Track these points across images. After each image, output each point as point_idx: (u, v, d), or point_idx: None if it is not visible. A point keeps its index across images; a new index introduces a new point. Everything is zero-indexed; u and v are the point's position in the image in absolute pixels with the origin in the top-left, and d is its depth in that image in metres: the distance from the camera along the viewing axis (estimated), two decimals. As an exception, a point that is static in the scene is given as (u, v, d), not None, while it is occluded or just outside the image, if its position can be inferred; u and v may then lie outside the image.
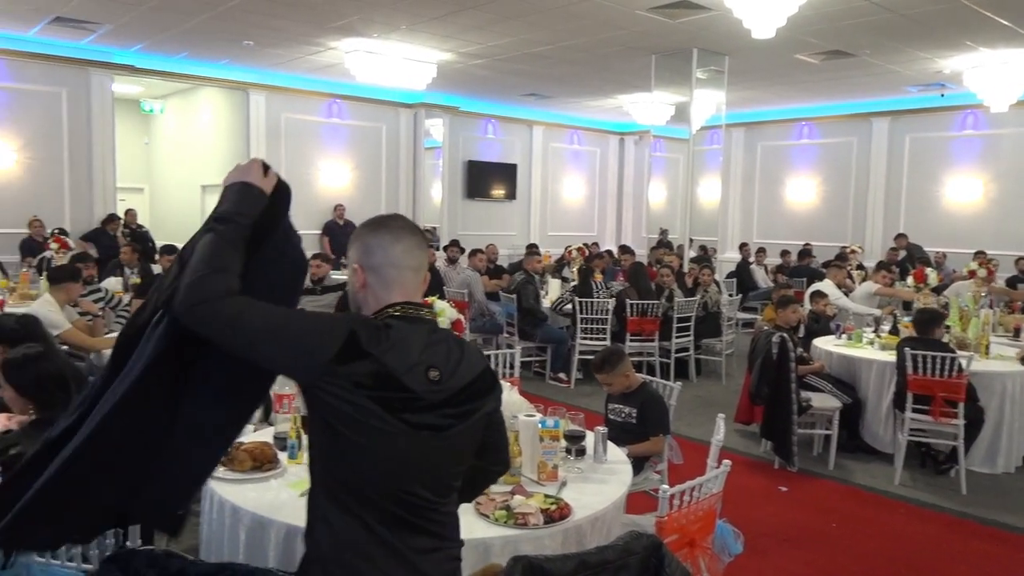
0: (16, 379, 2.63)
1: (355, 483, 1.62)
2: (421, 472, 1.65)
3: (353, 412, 1.55)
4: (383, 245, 1.72)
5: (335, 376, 1.54)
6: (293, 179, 8.46)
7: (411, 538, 1.64)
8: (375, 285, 1.71)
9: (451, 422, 1.66)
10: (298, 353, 1.56)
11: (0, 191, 9.92)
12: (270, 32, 9.11)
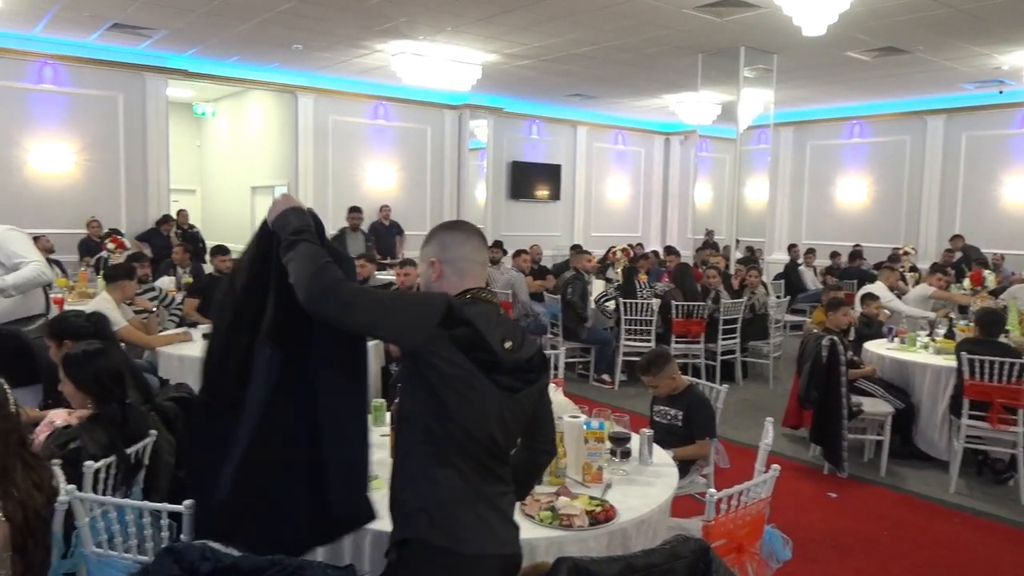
0: (75, 374, 2.72)
1: (457, 438, 1.87)
2: (502, 427, 1.93)
3: (457, 371, 1.84)
4: (458, 242, 2.03)
5: (441, 339, 1.83)
6: (340, 180, 8.67)
7: (493, 485, 1.94)
8: (451, 275, 2.01)
9: (521, 386, 1.95)
10: (411, 320, 1.86)
11: (60, 193, 10.25)
12: (319, 35, 9.26)
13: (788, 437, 6.07)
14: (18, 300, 4.19)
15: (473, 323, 1.87)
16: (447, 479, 1.87)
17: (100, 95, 10.50)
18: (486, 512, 1.91)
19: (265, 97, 13.32)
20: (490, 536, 1.91)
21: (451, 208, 13.96)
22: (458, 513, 1.88)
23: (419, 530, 1.87)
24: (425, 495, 1.88)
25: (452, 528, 1.86)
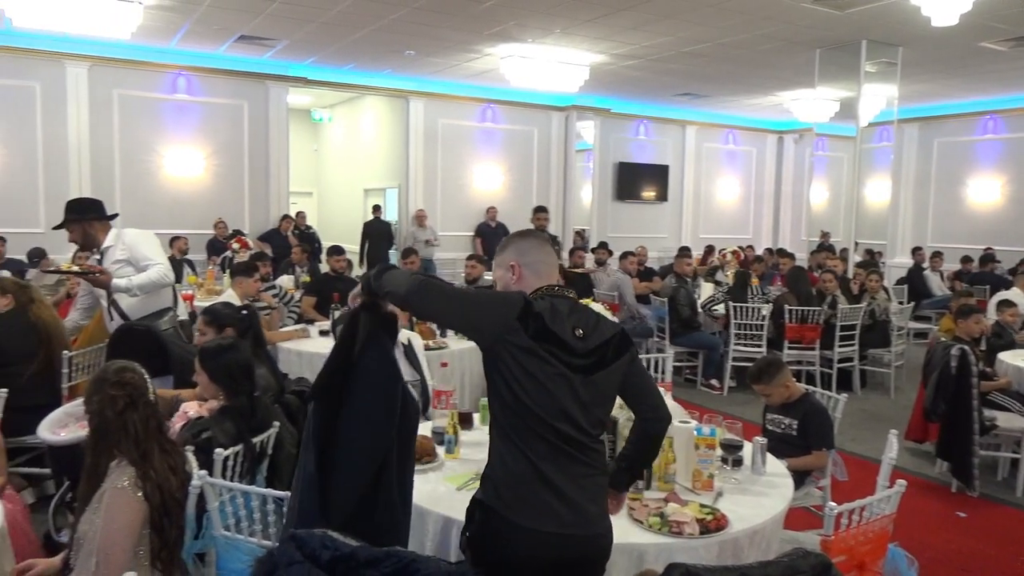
0: (209, 366, 2.89)
1: (525, 422, 2.07)
2: (579, 407, 2.10)
3: (527, 358, 2.05)
4: (533, 248, 2.28)
5: (518, 331, 2.06)
6: (448, 182, 8.80)
7: (567, 466, 2.09)
8: (529, 276, 2.24)
9: (595, 367, 2.13)
10: (495, 313, 2.10)
11: (191, 196, 10.92)
12: (430, 41, 9.47)
13: (911, 451, 5.74)
14: (149, 296, 4.41)
15: (543, 316, 2.09)
16: (513, 459, 2.09)
17: (227, 103, 11.11)
18: (547, 493, 2.06)
19: (378, 102, 13.75)
20: (548, 515, 2.05)
21: (557, 209, 13.98)
22: (519, 490, 2.07)
23: (488, 496, 2.11)
24: (495, 468, 2.13)
25: (510, 501, 2.07)
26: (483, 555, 2.10)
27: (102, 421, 2.35)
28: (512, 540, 2.06)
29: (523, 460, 2.08)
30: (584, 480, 2.12)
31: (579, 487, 2.10)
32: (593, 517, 2.12)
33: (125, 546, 2.22)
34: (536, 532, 2.05)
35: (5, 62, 9.61)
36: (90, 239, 4.51)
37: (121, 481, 2.27)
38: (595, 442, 2.17)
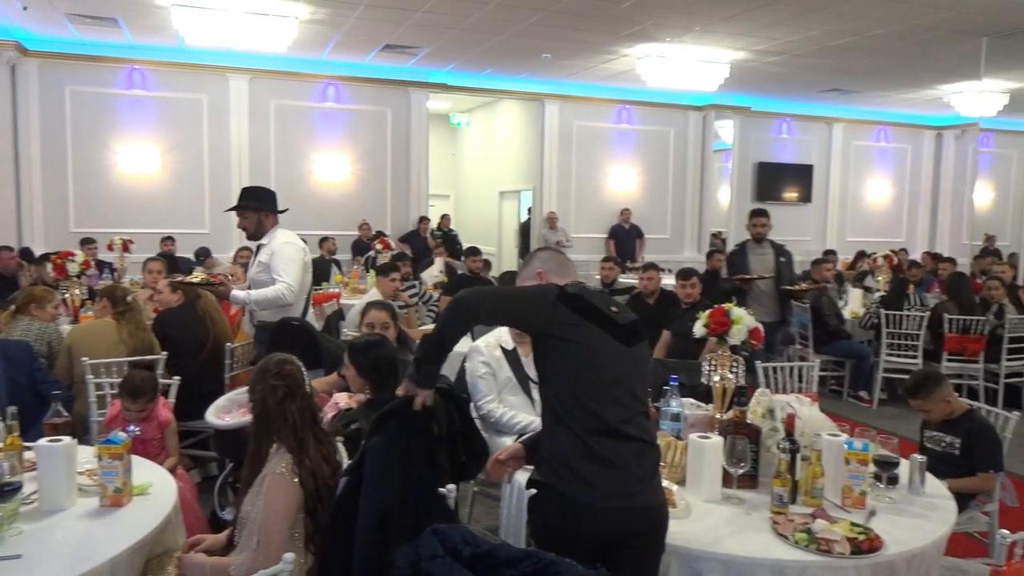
0: (357, 361, 3.04)
1: (580, 397, 2.19)
2: (626, 377, 2.26)
3: (580, 330, 2.22)
4: (554, 256, 2.59)
5: (562, 309, 2.23)
6: (582, 184, 8.74)
7: (615, 443, 2.19)
8: (554, 278, 2.46)
9: (633, 339, 2.31)
10: (536, 299, 2.29)
11: (338, 199, 11.50)
12: (567, 44, 9.51)
13: (1092, 478, 5.20)
14: (285, 312, 4.38)
15: (581, 295, 2.28)
16: (566, 438, 2.19)
17: (372, 110, 11.63)
18: (601, 467, 2.16)
19: (513, 106, 13.94)
20: (600, 490, 2.14)
21: (693, 211, 13.67)
22: (573, 466, 2.17)
23: (544, 475, 2.23)
24: (549, 448, 2.25)
25: (565, 478, 2.17)
26: (548, 536, 2.19)
27: (263, 409, 2.51)
28: (572, 517, 2.15)
29: (576, 438, 2.18)
30: (637, 453, 2.22)
31: (633, 460, 2.20)
32: (648, 489, 2.22)
33: (283, 527, 2.36)
34: (594, 507, 2.14)
35: (178, 77, 10.49)
36: (260, 229, 4.56)
37: (280, 466, 2.42)
38: (643, 415, 2.30)
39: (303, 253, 4.54)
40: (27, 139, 9.93)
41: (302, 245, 4.59)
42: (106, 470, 2.46)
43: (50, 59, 9.90)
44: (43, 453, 2.46)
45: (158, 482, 2.68)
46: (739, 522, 2.50)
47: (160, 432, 3.45)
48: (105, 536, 2.25)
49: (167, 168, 10.55)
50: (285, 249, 4.45)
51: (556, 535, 2.14)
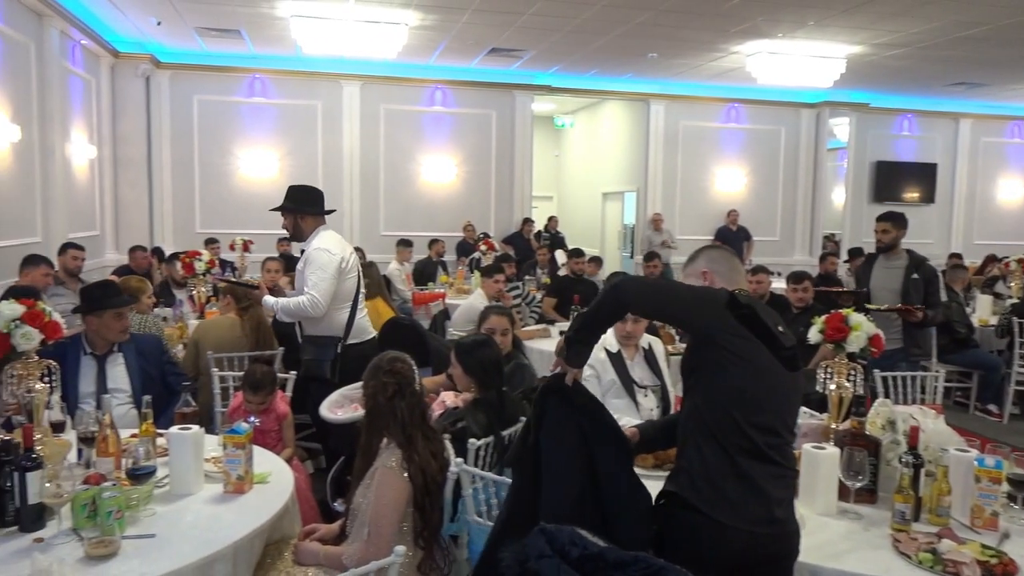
0: (464, 360, 3.09)
1: (734, 413, 2.08)
2: (784, 402, 2.16)
3: (746, 345, 2.09)
4: (724, 256, 2.43)
5: (728, 318, 2.11)
6: (688, 185, 8.51)
7: (762, 466, 2.09)
8: (720, 282, 2.32)
9: (794, 363, 2.18)
10: (706, 302, 2.19)
11: (444, 200, 11.73)
12: (674, 43, 9.36)
13: None
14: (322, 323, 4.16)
15: (752, 307, 2.15)
16: (711, 453, 2.09)
17: (477, 113, 11.80)
18: (744, 489, 2.06)
19: (618, 107, 13.84)
20: (743, 512, 2.05)
21: (804, 212, 13.18)
22: (719, 485, 2.07)
23: (681, 488, 2.12)
24: (692, 461, 2.13)
25: (706, 495, 2.07)
26: (677, 553, 2.07)
27: (375, 405, 2.59)
28: (709, 537, 2.06)
29: (723, 455, 2.08)
30: (779, 479, 2.13)
31: (774, 485, 2.11)
32: (786, 515, 2.13)
33: (392, 520, 2.43)
34: (731, 528, 2.05)
35: (295, 85, 10.98)
36: (298, 231, 4.27)
37: (390, 461, 2.49)
38: (790, 442, 2.21)
39: (337, 260, 4.12)
40: (159, 145, 10.62)
41: (337, 251, 4.17)
42: (230, 458, 2.60)
43: (180, 70, 10.56)
44: (174, 440, 2.62)
45: (276, 471, 2.80)
46: (857, 538, 2.39)
47: (278, 424, 3.62)
48: (229, 520, 2.38)
49: (284, 172, 11.04)
50: (316, 256, 4.11)
51: (687, 553, 2.05)
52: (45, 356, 2.88)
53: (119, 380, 3.59)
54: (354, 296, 4.26)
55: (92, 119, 9.42)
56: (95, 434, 2.66)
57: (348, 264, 4.22)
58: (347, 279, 4.21)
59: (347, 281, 4.21)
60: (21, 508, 2.26)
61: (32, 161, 7.34)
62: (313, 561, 2.49)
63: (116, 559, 2.10)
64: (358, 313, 4.29)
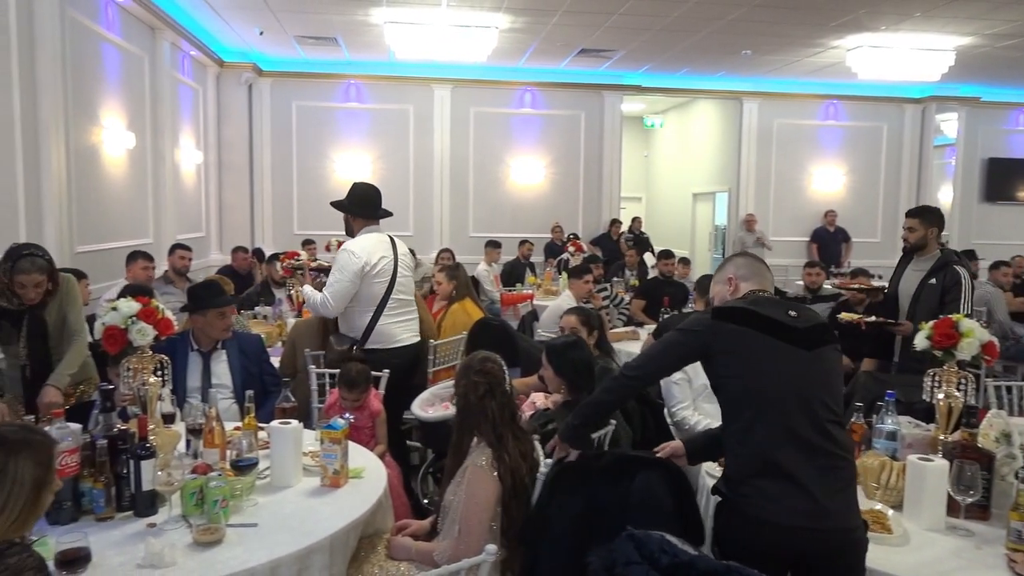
0: (555, 361, 3.09)
1: (758, 407, 2.13)
2: (809, 384, 2.15)
3: (743, 339, 2.18)
4: (749, 262, 2.50)
5: (719, 326, 2.22)
6: (782, 185, 8.22)
7: (804, 454, 2.08)
8: (743, 286, 2.40)
9: (817, 342, 2.21)
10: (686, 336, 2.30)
11: (532, 202, 11.78)
12: (769, 39, 9.11)
13: None
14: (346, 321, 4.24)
15: (743, 306, 2.23)
16: (744, 453, 2.15)
17: (566, 114, 11.79)
18: (782, 483, 2.07)
19: (709, 105, 13.58)
20: (783, 508, 2.05)
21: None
22: (754, 483, 2.10)
23: (728, 489, 2.19)
24: (729, 465, 2.23)
25: (747, 495, 2.11)
26: (731, 549, 2.11)
27: (465, 404, 2.62)
28: (753, 534, 2.09)
29: (755, 454, 2.12)
30: (825, 469, 2.09)
31: (818, 477, 2.07)
32: (838, 509, 2.07)
33: (482, 518, 2.45)
34: (778, 526, 2.05)
35: (388, 90, 11.25)
36: (348, 229, 4.35)
37: (480, 460, 2.51)
38: (835, 427, 2.15)
39: (358, 263, 4.07)
40: (260, 150, 11.08)
41: (363, 254, 4.11)
42: (327, 453, 2.68)
43: (280, 78, 10.98)
44: (275, 434, 2.73)
45: (370, 467, 2.87)
46: (968, 556, 2.26)
47: (371, 421, 3.71)
48: (326, 513, 2.46)
49: (377, 174, 11.32)
50: (340, 256, 4.14)
51: (739, 549, 2.08)
52: (157, 351, 3.05)
53: (222, 376, 3.75)
54: (381, 301, 4.16)
55: (199, 126, 9.91)
56: (202, 426, 2.79)
57: (376, 268, 4.14)
58: (373, 283, 4.14)
59: (373, 285, 4.15)
60: (136, 494, 2.40)
61: (145, 166, 7.78)
62: (405, 556, 2.54)
63: (221, 546, 2.19)
64: (383, 319, 4.17)
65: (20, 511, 1.65)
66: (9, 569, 1.56)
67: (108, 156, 6.80)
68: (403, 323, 4.30)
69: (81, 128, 6.18)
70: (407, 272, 4.35)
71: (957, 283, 4.23)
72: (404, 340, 4.28)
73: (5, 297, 3.37)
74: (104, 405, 2.54)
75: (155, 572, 2.03)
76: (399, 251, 4.28)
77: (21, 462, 1.67)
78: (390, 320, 4.21)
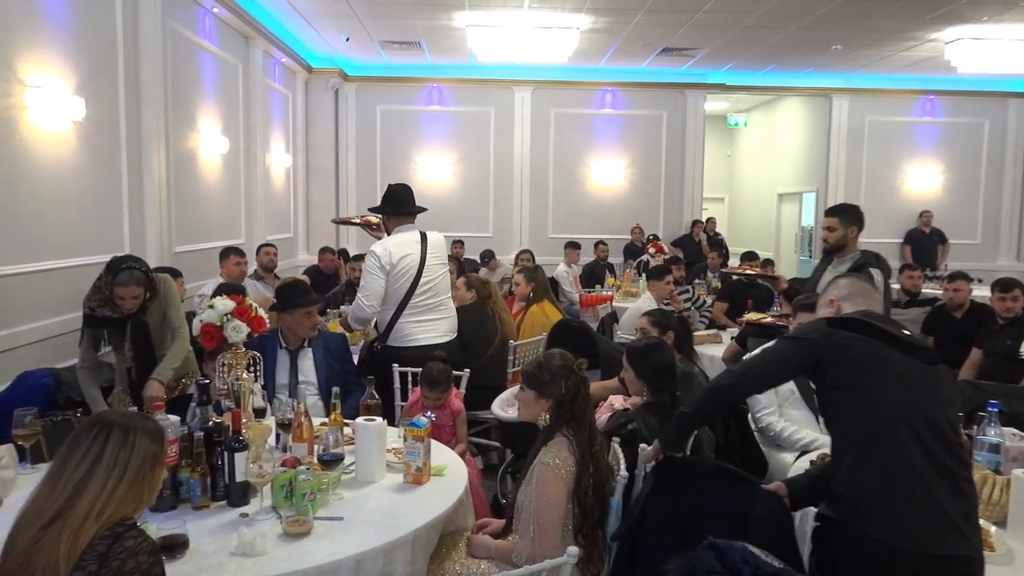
0: (636, 363, 3.06)
1: (879, 423, 2.00)
2: (929, 400, 2.03)
3: (860, 349, 2.08)
4: (852, 283, 2.43)
5: (835, 335, 2.13)
6: (874, 184, 7.92)
7: (925, 478, 1.94)
8: (847, 307, 2.32)
9: (932, 360, 2.12)
10: (798, 344, 2.25)
11: (611, 203, 11.69)
12: (861, 33, 8.78)
13: None
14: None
15: (858, 316, 2.16)
16: (864, 471, 2.01)
17: (647, 114, 11.66)
18: (907, 507, 1.93)
19: (796, 103, 13.19)
20: (910, 533, 1.91)
21: (1012, 213, 11.92)
22: (875, 504, 1.96)
23: (839, 512, 2.04)
24: (843, 483, 2.05)
25: (868, 518, 1.96)
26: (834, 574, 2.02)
27: (559, 404, 2.58)
28: (873, 561, 1.94)
29: (877, 471, 1.99)
30: (954, 494, 1.94)
31: (947, 500, 1.92)
32: (965, 537, 1.92)
33: (554, 517, 2.44)
34: (903, 553, 1.90)
35: (470, 93, 11.37)
36: (385, 229, 4.44)
37: (552, 458, 2.50)
38: (957, 446, 2.03)
39: (377, 261, 4.14)
40: (345, 153, 11.37)
41: (382, 251, 4.16)
42: (410, 450, 2.73)
43: (365, 82, 11.25)
44: (360, 430, 2.79)
45: (452, 465, 2.91)
46: (1080, 579, 2.13)
47: (452, 420, 3.76)
48: (409, 510, 2.50)
49: (457, 176, 11.47)
50: (367, 259, 4.21)
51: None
52: (249, 348, 3.17)
53: (307, 373, 3.87)
54: (402, 300, 4.18)
55: (288, 130, 10.25)
56: (291, 421, 2.89)
57: (397, 268, 4.16)
58: (396, 282, 4.17)
59: (396, 284, 4.18)
60: (229, 485, 2.50)
61: (238, 170, 8.09)
62: (485, 554, 2.56)
63: (309, 538, 2.26)
64: (402, 318, 4.20)
65: (136, 480, 1.75)
66: (125, 551, 1.66)
67: (204, 160, 7.11)
68: (425, 323, 4.26)
69: (180, 134, 6.48)
70: (438, 270, 4.32)
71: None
72: (422, 341, 4.21)
73: (108, 306, 3.57)
74: (201, 398, 2.65)
75: (247, 560, 2.11)
76: (429, 246, 4.28)
77: (139, 435, 1.78)
78: (410, 320, 4.21)
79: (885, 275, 4.10)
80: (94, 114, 5.03)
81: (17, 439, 2.75)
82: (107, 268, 3.60)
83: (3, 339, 4.17)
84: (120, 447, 1.74)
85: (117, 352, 3.73)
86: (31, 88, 4.38)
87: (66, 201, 4.80)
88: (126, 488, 1.72)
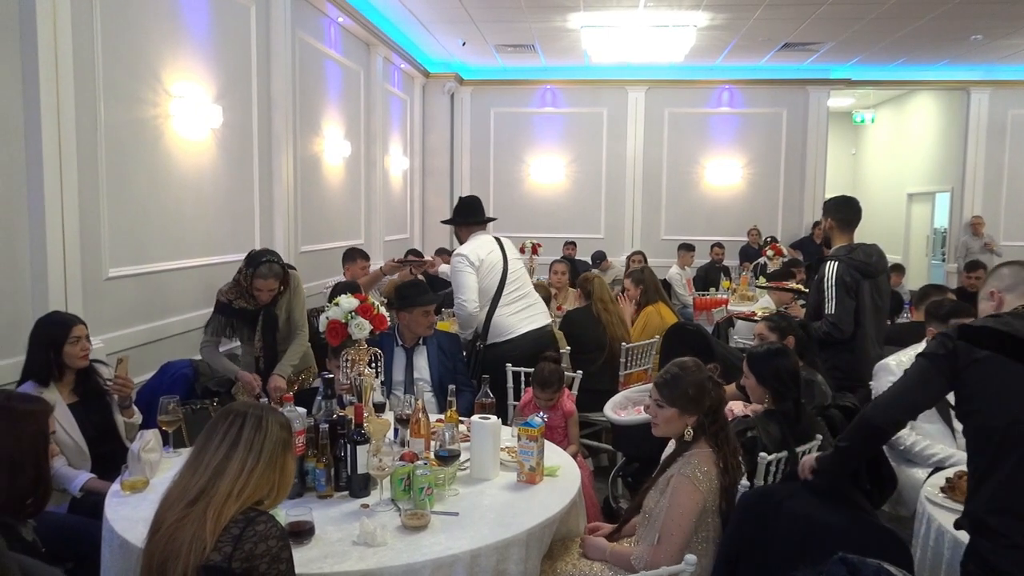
0: (758, 369, 2.96)
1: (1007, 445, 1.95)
2: None
3: (989, 365, 1.99)
4: (1014, 273, 2.23)
5: (965, 349, 2.03)
6: (1017, 184, 7.65)
7: None
8: (1012, 301, 2.19)
9: None
10: (933, 362, 2.09)
11: (727, 204, 11.39)
12: (1004, 22, 8.18)
13: None
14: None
15: (993, 326, 2.02)
16: (986, 492, 1.98)
17: (766, 112, 11.28)
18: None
19: (929, 98, 12.44)
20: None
21: None
22: (998, 526, 1.94)
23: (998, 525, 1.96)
24: (981, 500, 2.01)
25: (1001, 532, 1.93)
26: None
27: (704, 413, 2.53)
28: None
29: (1004, 486, 1.95)
30: None
31: None
32: None
33: (684, 528, 2.39)
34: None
35: (583, 94, 11.36)
36: (458, 239, 4.69)
37: (689, 469, 2.45)
38: None
39: (462, 260, 4.34)
40: (460, 156, 11.60)
41: (469, 251, 4.37)
42: (524, 449, 2.75)
43: (479, 86, 11.43)
44: (475, 427, 2.84)
45: (565, 466, 2.91)
46: None
47: (564, 421, 3.76)
48: (522, 508, 2.51)
49: (569, 178, 11.47)
50: (454, 261, 4.42)
51: None
52: (370, 345, 3.28)
53: (422, 370, 3.97)
54: (495, 295, 4.36)
55: (406, 134, 10.55)
56: (409, 417, 2.97)
57: (485, 262, 4.36)
58: (487, 278, 4.36)
59: (487, 279, 4.36)
60: (352, 476, 2.59)
61: (359, 173, 8.40)
62: (600, 556, 2.55)
63: (426, 531, 2.32)
64: (498, 312, 4.38)
65: (270, 463, 1.86)
66: (257, 535, 1.76)
67: (328, 164, 7.41)
68: (520, 313, 4.44)
69: (306, 139, 6.79)
70: (518, 264, 4.55)
71: (820, 279, 3.93)
72: (522, 329, 4.39)
73: (244, 299, 3.79)
74: (326, 392, 2.77)
75: (368, 550, 2.18)
76: (507, 248, 4.52)
77: (272, 422, 1.91)
78: (506, 312, 4.38)
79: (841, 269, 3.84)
80: (230, 121, 5.35)
81: (162, 424, 2.96)
82: (247, 261, 3.82)
83: (153, 330, 4.51)
84: (255, 432, 1.87)
85: (245, 343, 3.95)
86: (176, 98, 4.70)
87: (204, 204, 5.12)
88: (262, 470, 1.84)
